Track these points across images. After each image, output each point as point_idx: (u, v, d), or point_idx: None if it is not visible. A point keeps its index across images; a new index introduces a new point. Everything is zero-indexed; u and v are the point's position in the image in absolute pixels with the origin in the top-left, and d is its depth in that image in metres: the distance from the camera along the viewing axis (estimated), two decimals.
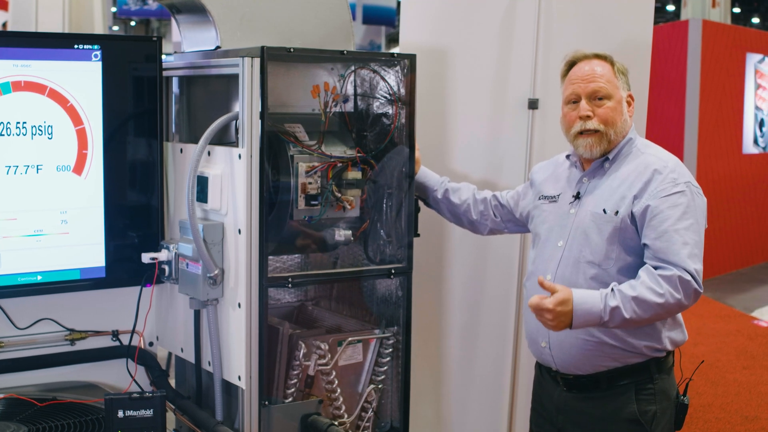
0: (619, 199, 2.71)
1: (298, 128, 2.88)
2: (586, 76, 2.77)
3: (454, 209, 3.21)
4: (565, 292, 2.55)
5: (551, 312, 2.53)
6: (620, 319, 2.55)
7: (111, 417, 2.70)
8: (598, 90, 2.76)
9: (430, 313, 3.62)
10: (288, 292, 3.23)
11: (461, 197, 3.19)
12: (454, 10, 3.52)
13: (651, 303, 2.54)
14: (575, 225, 2.78)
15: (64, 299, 3.02)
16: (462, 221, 3.24)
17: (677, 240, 2.59)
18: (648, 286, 2.55)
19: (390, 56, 3.04)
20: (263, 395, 2.79)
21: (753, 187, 10.73)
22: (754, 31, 11.66)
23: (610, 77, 2.78)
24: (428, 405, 3.70)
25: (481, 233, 3.25)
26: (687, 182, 2.69)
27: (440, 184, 3.21)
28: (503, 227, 3.20)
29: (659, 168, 2.70)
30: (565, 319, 2.55)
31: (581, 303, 2.54)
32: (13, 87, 2.82)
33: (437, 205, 3.24)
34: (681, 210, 2.63)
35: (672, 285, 2.55)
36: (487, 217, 3.18)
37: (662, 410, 2.75)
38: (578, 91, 2.78)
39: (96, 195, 2.98)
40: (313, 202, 2.82)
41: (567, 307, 2.53)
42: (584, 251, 2.73)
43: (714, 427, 5.29)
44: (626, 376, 2.73)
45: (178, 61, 3.16)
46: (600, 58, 2.80)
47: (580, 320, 2.55)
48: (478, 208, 3.18)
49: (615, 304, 2.54)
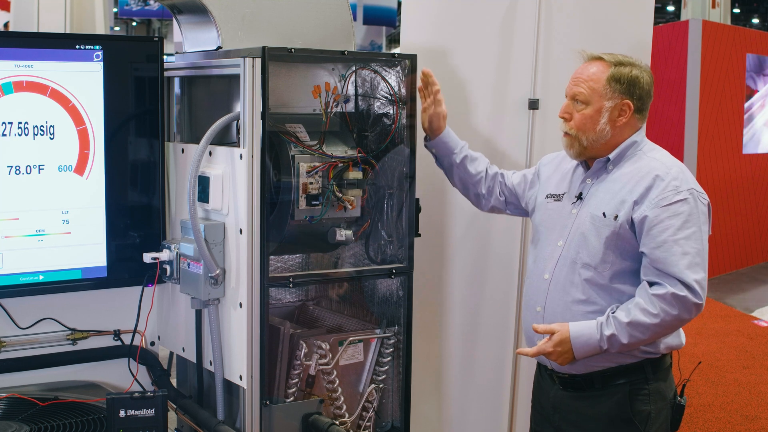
0: (619, 203, 2.69)
1: (299, 128, 2.88)
2: (577, 77, 2.77)
3: (468, 178, 3.14)
4: (561, 331, 2.65)
5: (552, 353, 2.65)
6: (619, 345, 2.62)
7: (112, 416, 2.71)
8: (576, 94, 2.75)
9: (430, 312, 3.62)
10: (289, 292, 3.24)
11: (477, 168, 3.13)
12: (455, 11, 3.52)
13: (647, 324, 2.58)
14: (575, 226, 2.78)
15: (65, 299, 3.03)
16: (468, 192, 3.18)
17: (676, 251, 2.58)
18: (642, 308, 2.58)
19: (391, 56, 3.04)
20: (264, 395, 2.79)
21: (753, 187, 10.73)
22: (754, 31, 11.64)
23: (597, 84, 2.71)
24: (429, 404, 3.71)
25: (482, 208, 3.21)
26: (690, 189, 2.65)
27: (461, 149, 3.12)
28: (504, 208, 3.17)
29: (661, 174, 2.67)
30: (568, 355, 2.65)
31: (577, 336, 2.63)
32: (15, 87, 2.83)
33: (450, 169, 3.15)
34: (682, 219, 2.61)
35: (666, 303, 2.56)
36: (492, 194, 3.14)
37: (657, 411, 2.75)
38: (567, 90, 2.79)
39: (97, 195, 2.98)
40: (314, 202, 2.82)
41: (566, 346, 2.64)
42: (581, 253, 2.73)
43: (714, 427, 5.29)
44: (621, 375, 2.74)
45: (180, 61, 3.16)
46: (600, 61, 2.75)
47: (580, 352, 2.65)
48: (488, 183, 3.13)
49: (611, 332, 2.60)
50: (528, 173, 3.12)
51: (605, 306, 2.68)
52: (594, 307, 2.70)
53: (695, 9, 15.40)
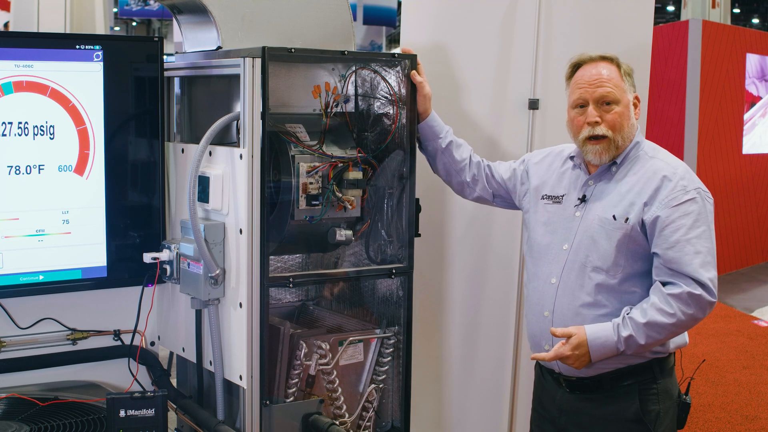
0: (628, 206, 2.69)
1: (299, 128, 2.88)
2: (593, 80, 2.72)
3: (452, 165, 3.09)
4: (578, 334, 2.63)
5: (570, 357, 2.63)
6: (636, 346, 2.61)
7: (112, 416, 2.71)
8: (605, 95, 2.71)
9: (430, 312, 3.62)
10: (289, 292, 3.24)
11: (462, 155, 3.09)
12: (455, 11, 3.52)
13: (663, 324, 2.57)
14: (581, 229, 2.76)
15: (65, 299, 3.03)
16: (451, 179, 3.13)
17: (689, 250, 2.58)
18: (658, 308, 2.58)
19: (391, 56, 3.04)
20: (264, 395, 2.79)
21: (753, 187, 10.73)
22: (754, 31, 11.64)
23: (617, 81, 2.73)
24: (429, 404, 3.71)
25: (466, 197, 3.17)
26: (697, 188, 2.66)
27: (446, 133, 3.08)
28: (491, 200, 3.13)
29: (669, 174, 2.67)
30: (585, 358, 2.64)
31: (595, 339, 2.62)
32: (15, 87, 2.83)
33: (435, 155, 3.10)
34: (692, 218, 2.62)
35: (682, 302, 2.57)
36: (477, 183, 3.10)
37: (665, 410, 2.75)
38: (585, 96, 2.73)
39: (97, 195, 2.98)
40: (314, 202, 2.82)
41: (584, 349, 2.62)
42: (591, 256, 2.71)
43: (714, 427, 5.29)
44: (629, 376, 2.73)
45: (180, 61, 3.16)
46: (606, 60, 2.75)
47: (597, 354, 2.63)
48: (472, 171, 3.09)
49: (628, 333, 2.59)
50: (517, 168, 3.07)
51: (615, 309, 2.67)
52: (604, 311, 2.69)
53: (695, 9, 15.40)
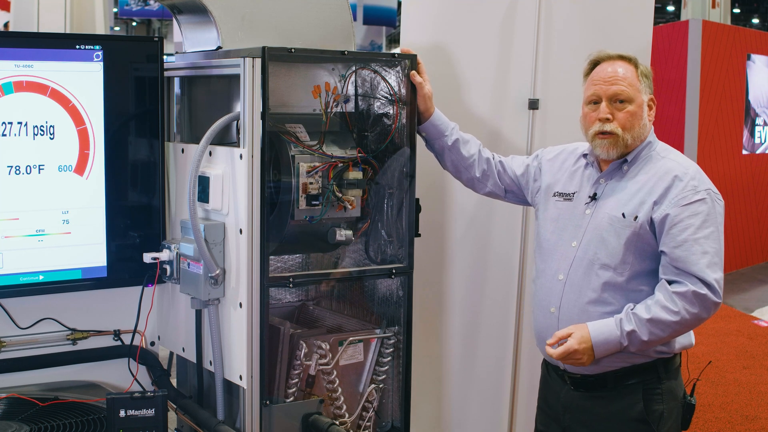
0: (638, 204, 2.70)
1: (299, 128, 2.88)
2: (608, 77, 2.75)
3: (460, 161, 3.10)
4: (581, 329, 2.64)
5: (578, 351, 2.63)
6: (639, 342, 2.61)
7: (112, 416, 2.71)
8: (619, 93, 2.74)
9: (430, 312, 3.62)
10: (289, 292, 3.24)
11: (470, 151, 3.09)
12: (455, 11, 3.52)
13: (667, 322, 2.58)
14: (591, 226, 2.77)
15: (65, 299, 3.03)
16: (461, 175, 3.15)
17: (697, 250, 2.59)
18: (662, 305, 2.58)
19: (391, 56, 3.04)
20: (264, 395, 2.79)
21: (753, 187, 10.73)
22: (754, 31, 11.65)
23: (633, 80, 2.75)
24: (429, 404, 3.71)
25: (478, 191, 3.17)
26: (707, 189, 2.68)
27: (452, 131, 3.08)
28: (503, 195, 3.14)
29: (680, 174, 2.69)
30: (591, 353, 2.64)
31: (598, 334, 2.63)
32: (15, 87, 2.83)
33: (442, 153, 3.11)
34: (701, 218, 2.63)
35: (687, 301, 2.57)
36: (488, 179, 3.11)
37: (669, 410, 2.76)
38: (599, 92, 2.76)
39: (97, 195, 2.98)
40: (314, 202, 2.82)
41: (588, 344, 2.63)
42: (600, 254, 2.72)
43: (714, 427, 5.29)
44: (634, 375, 2.74)
45: (180, 61, 3.16)
46: (624, 60, 2.78)
47: (600, 350, 2.63)
48: (482, 166, 3.10)
49: (631, 328, 2.60)
50: (530, 164, 3.08)
51: (621, 307, 2.68)
52: (610, 308, 2.70)
53: (695, 9, 15.41)
